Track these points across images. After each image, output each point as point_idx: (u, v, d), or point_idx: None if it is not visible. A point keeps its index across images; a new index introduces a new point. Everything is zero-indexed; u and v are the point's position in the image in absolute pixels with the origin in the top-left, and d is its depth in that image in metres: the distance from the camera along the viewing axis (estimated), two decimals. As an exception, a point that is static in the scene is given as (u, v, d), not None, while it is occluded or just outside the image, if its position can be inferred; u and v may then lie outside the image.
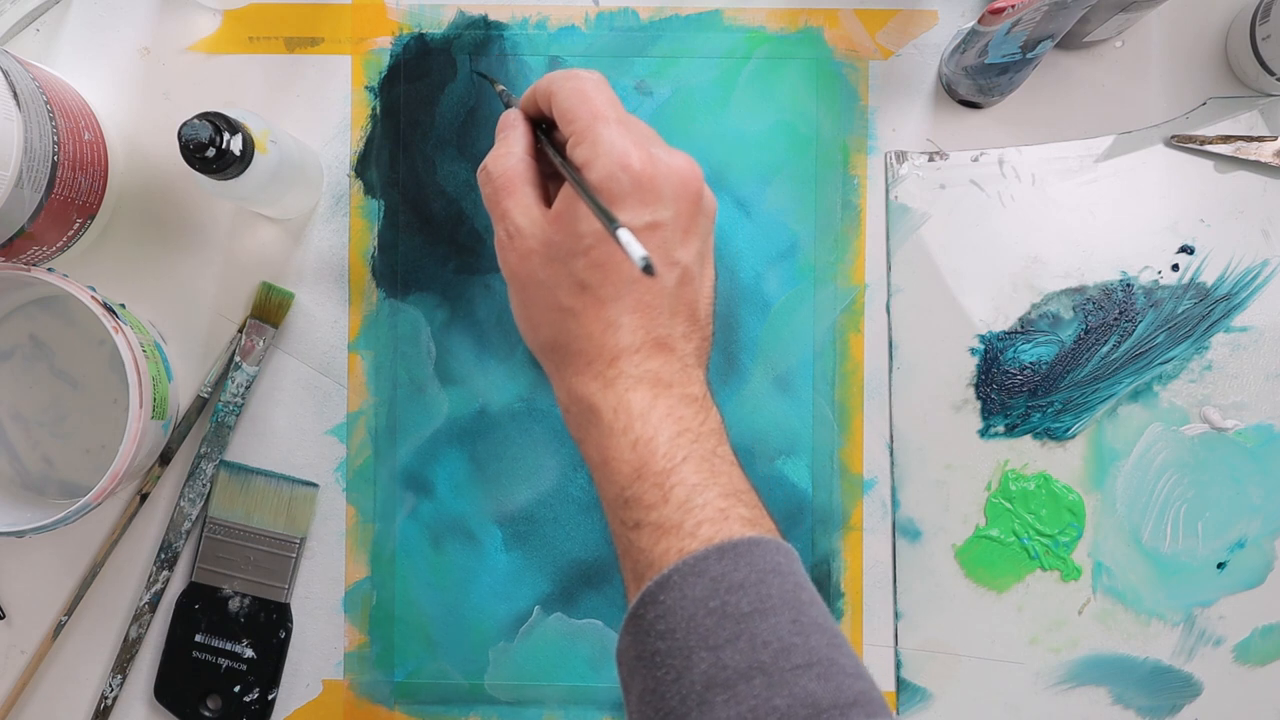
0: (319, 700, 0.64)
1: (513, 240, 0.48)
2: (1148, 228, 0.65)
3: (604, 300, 0.47)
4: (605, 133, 0.46)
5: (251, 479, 0.64)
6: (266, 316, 0.64)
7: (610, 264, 0.46)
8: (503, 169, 0.49)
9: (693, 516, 0.45)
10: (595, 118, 0.47)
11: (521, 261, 0.48)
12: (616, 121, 0.47)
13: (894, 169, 0.65)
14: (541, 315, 0.48)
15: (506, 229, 0.48)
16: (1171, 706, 0.64)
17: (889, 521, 0.65)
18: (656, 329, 0.47)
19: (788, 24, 0.65)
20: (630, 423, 0.46)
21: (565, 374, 0.48)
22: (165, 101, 0.65)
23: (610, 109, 0.47)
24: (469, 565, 0.64)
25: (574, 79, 0.48)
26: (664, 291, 0.47)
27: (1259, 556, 0.64)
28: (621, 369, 0.47)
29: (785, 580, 0.44)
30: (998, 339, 0.64)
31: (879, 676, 0.64)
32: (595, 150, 0.46)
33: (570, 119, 0.47)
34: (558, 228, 0.47)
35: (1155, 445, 0.64)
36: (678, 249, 0.47)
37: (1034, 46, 0.58)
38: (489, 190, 0.49)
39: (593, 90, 0.48)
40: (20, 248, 0.58)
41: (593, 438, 0.47)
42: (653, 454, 0.46)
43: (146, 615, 0.64)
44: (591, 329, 0.47)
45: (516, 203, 0.48)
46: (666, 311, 0.48)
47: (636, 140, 0.46)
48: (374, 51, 0.65)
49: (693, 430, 0.47)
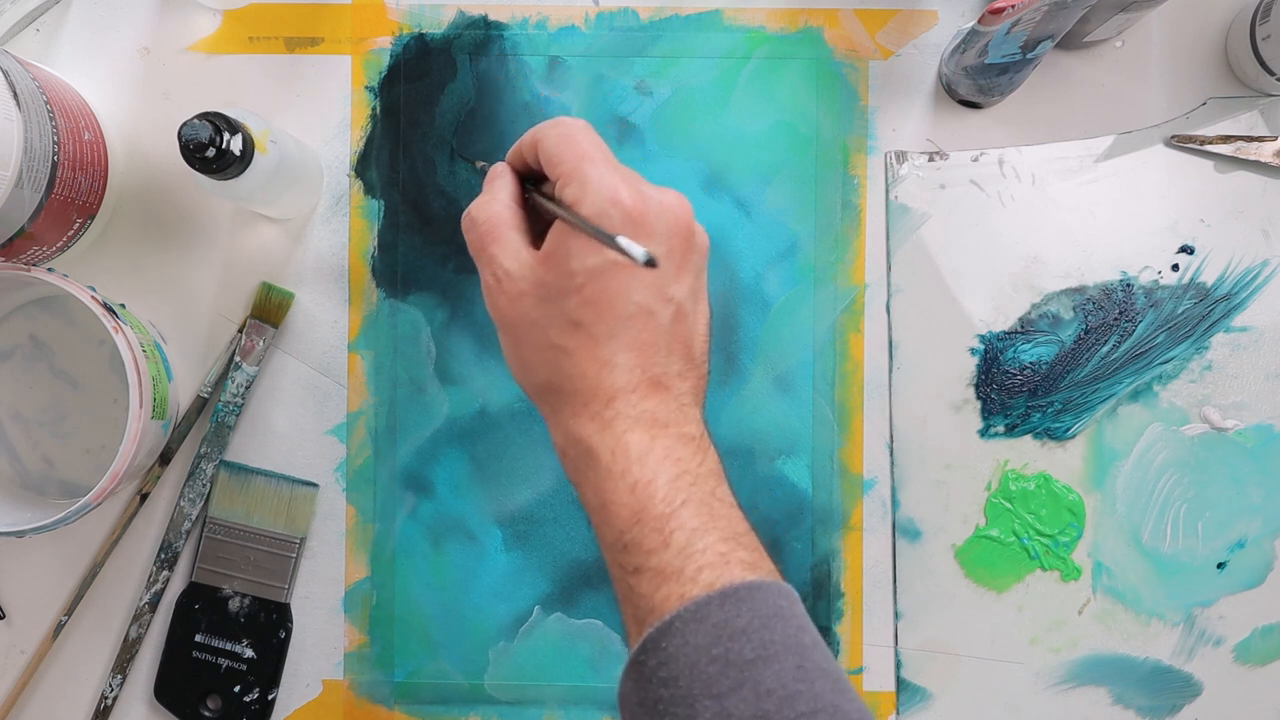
0: (319, 700, 0.64)
1: (501, 284, 0.48)
2: (1148, 228, 0.65)
3: (598, 338, 0.46)
4: (593, 171, 0.46)
5: (251, 479, 0.64)
6: (266, 316, 0.64)
7: (604, 301, 0.46)
8: (487, 215, 0.49)
9: (693, 562, 0.44)
10: (582, 158, 0.46)
11: (512, 304, 0.48)
12: (604, 161, 0.46)
13: (894, 169, 0.65)
14: (535, 356, 0.48)
15: (494, 273, 0.48)
16: (1171, 706, 0.64)
17: (889, 521, 0.65)
18: (652, 367, 0.47)
19: (788, 24, 0.65)
20: (628, 465, 0.46)
21: (562, 415, 0.48)
22: (165, 101, 0.65)
23: (597, 150, 0.47)
24: (469, 565, 0.64)
25: (559, 125, 0.48)
26: (659, 329, 0.47)
27: (1259, 556, 0.64)
28: (618, 409, 0.46)
29: (788, 624, 0.44)
30: (998, 339, 0.64)
31: (879, 676, 0.64)
32: (584, 188, 0.46)
33: (557, 161, 0.47)
34: (549, 267, 0.47)
35: (1155, 445, 0.64)
36: (671, 285, 0.47)
37: (1034, 46, 0.58)
38: (474, 236, 0.49)
39: (579, 134, 0.48)
40: (20, 248, 0.58)
41: (590, 481, 0.47)
42: (651, 498, 0.45)
43: (146, 615, 0.64)
44: (586, 368, 0.47)
45: (503, 247, 0.48)
46: (662, 349, 0.47)
47: (625, 178, 0.46)
48: (374, 51, 0.65)
49: (691, 472, 0.46)
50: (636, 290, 0.46)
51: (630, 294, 0.46)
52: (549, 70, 0.65)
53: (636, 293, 0.46)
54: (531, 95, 0.65)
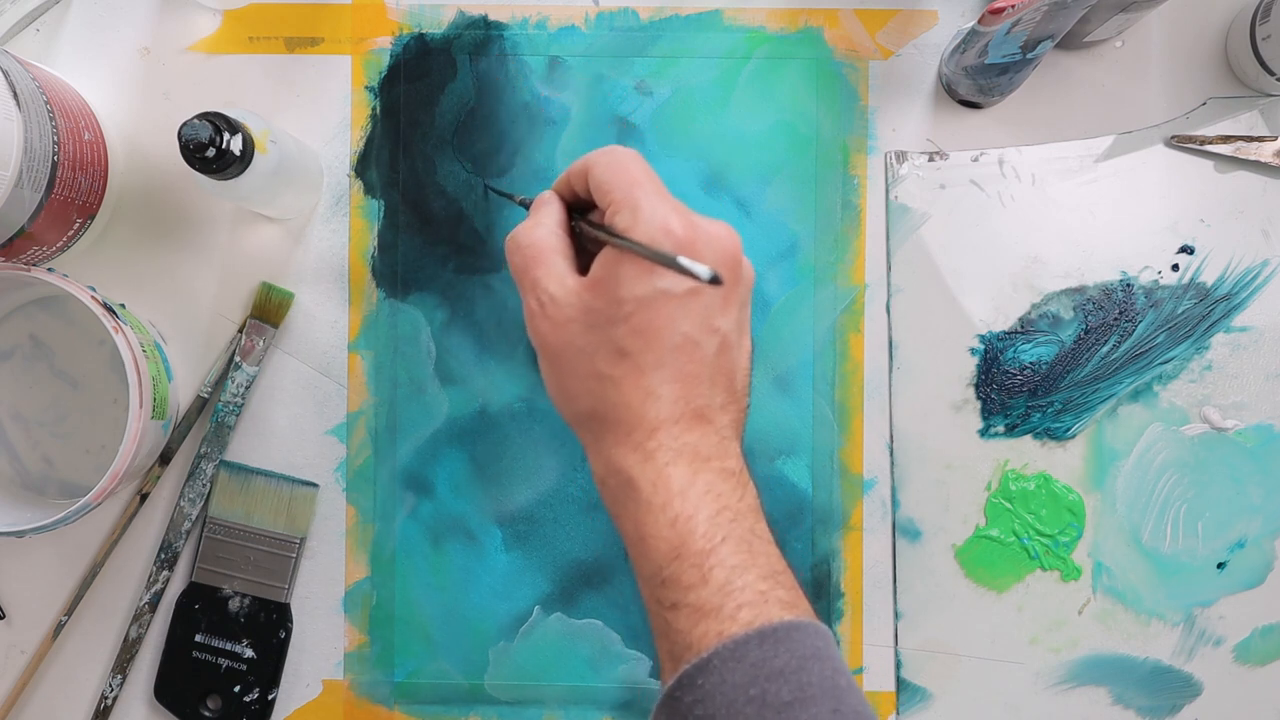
0: (319, 700, 0.64)
1: (545, 309, 0.47)
2: (1148, 228, 0.65)
3: (645, 368, 0.46)
4: (645, 199, 0.46)
5: (251, 479, 0.64)
6: (266, 316, 0.64)
7: (652, 331, 0.46)
8: (532, 239, 0.48)
9: (733, 599, 0.44)
10: (634, 185, 0.46)
11: (557, 330, 0.47)
12: (655, 190, 0.46)
13: (894, 169, 0.65)
14: (579, 384, 0.47)
15: (538, 297, 0.47)
16: (1171, 706, 0.64)
17: (889, 521, 0.65)
18: (696, 399, 0.47)
19: (788, 24, 0.65)
20: (669, 499, 0.45)
21: (603, 445, 0.47)
22: (165, 101, 0.65)
23: (648, 179, 0.47)
24: (469, 565, 0.64)
25: (610, 153, 0.48)
26: (705, 360, 0.47)
27: (1259, 556, 0.64)
28: (661, 441, 0.46)
29: (824, 666, 0.44)
30: (998, 339, 0.64)
31: (879, 676, 0.64)
32: (636, 216, 0.45)
33: (608, 189, 0.47)
34: (596, 294, 0.46)
35: (1155, 445, 0.64)
36: (718, 316, 0.47)
37: (1034, 46, 0.58)
38: (518, 259, 0.48)
39: (630, 162, 0.47)
40: (20, 248, 0.58)
41: (630, 513, 0.47)
42: (692, 533, 0.45)
43: (146, 615, 0.64)
44: (631, 398, 0.46)
45: (548, 271, 0.47)
46: (706, 381, 0.47)
47: (676, 207, 0.46)
48: (374, 51, 0.65)
49: (731, 508, 0.46)
50: (684, 321, 0.46)
51: (678, 324, 0.46)
52: (549, 70, 0.65)
53: (684, 323, 0.46)
54: (531, 95, 0.65)
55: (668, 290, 0.45)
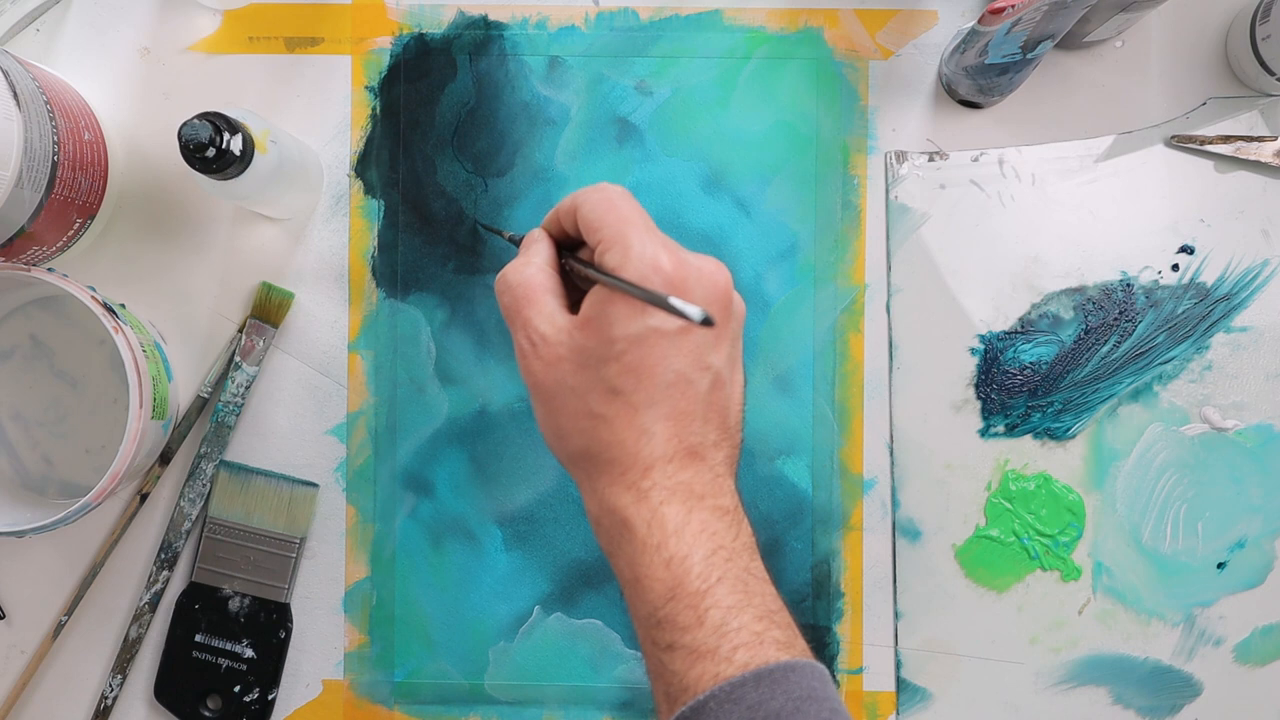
0: (319, 700, 0.64)
1: (536, 348, 0.47)
2: (1148, 228, 0.65)
3: (637, 407, 0.46)
4: (635, 237, 0.45)
5: (251, 479, 0.64)
6: (266, 316, 0.64)
7: (644, 369, 0.45)
8: (522, 278, 0.48)
9: (728, 641, 0.44)
10: (623, 222, 0.46)
11: (548, 369, 0.47)
12: (645, 227, 0.46)
13: (894, 169, 0.65)
14: (571, 423, 0.47)
15: (529, 337, 0.47)
16: (1171, 706, 0.64)
17: (889, 521, 0.65)
18: (689, 437, 0.47)
19: (788, 24, 0.65)
20: (664, 539, 0.45)
21: (597, 484, 0.47)
22: (165, 101, 0.65)
23: (638, 216, 0.47)
24: (469, 565, 0.64)
25: (599, 191, 0.48)
26: (697, 397, 0.46)
27: (1259, 556, 0.64)
28: (655, 480, 0.46)
29: (820, 707, 0.43)
30: (998, 339, 0.64)
31: (879, 676, 0.64)
32: (626, 254, 0.45)
33: (597, 227, 0.47)
34: (588, 333, 0.46)
35: (1155, 445, 0.64)
36: (710, 353, 0.47)
37: (1034, 46, 0.58)
38: (508, 299, 0.48)
39: (619, 200, 0.47)
40: (20, 248, 0.58)
41: (625, 553, 0.46)
42: (687, 573, 0.45)
43: (146, 615, 0.64)
44: (624, 436, 0.46)
45: (538, 310, 0.47)
46: (699, 418, 0.47)
47: (665, 244, 0.46)
48: (374, 51, 0.65)
49: (726, 547, 0.46)
50: (676, 358, 0.46)
51: (670, 362, 0.45)
52: (549, 70, 0.65)
53: (676, 360, 0.46)
54: (531, 95, 0.65)
55: (659, 328, 0.45)
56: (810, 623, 0.64)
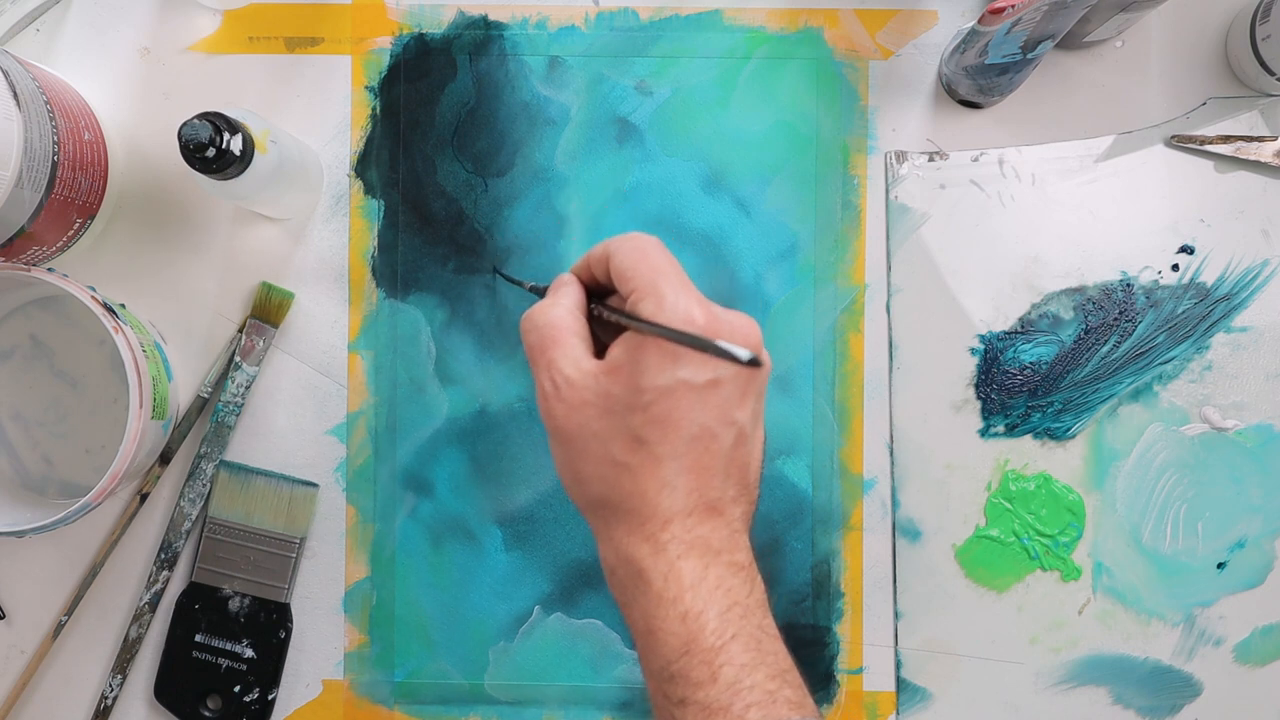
0: (319, 700, 0.64)
1: (560, 391, 0.47)
2: (1148, 228, 0.65)
3: (661, 458, 0.45)
4: (669, 289, 0.45)
5: (251, 479, 0.64)
6: (266, 316, 0.64)
7: (671, 421, 0.45)
8: (548, 319, 0.48)
9: (741, 699, 0.44)
10: (657, 273, 0.46)
11: (571, 414, 0.46)
12: (678, 279, 0.46)
13: (894, 169, 0.65)
14: (592, 470, 0.47)
15: (553, 379, 0.47)
16: (1171, 706, 0.64)
17: (889, 521, 0.65)
18: (710, 491, 0.46)
19: (788, 24, 0.65)
20: (680, 593, 0.45)
21: (615, 533, 0.47)
22: (165, 101, 0.65)
23: (671, 268, 0.46)
24: (469, 565, 0.64)
25: (632, 239, 0.48)
26: (720, 452, 0.46)
27: (1259, 556, 0.64)
28: (674, 533, 0.46)
29: None
30: (998, 339, 0.64)
31: (879, 676, 0.64)
32: (660, 305, 0.45)
33: (630, 276, 0.46)
34: (615, 380, 0.46)
35: (1155, 445, 0.64)
36: (736, 409, 0.46)
37: (1034, 46, 0.58)
38: (533, 339, 0.48)
39: (653, 250, 0.47)
40: (20, 248, 0.58)
41: (639, 605, 0.46)
42: (702, 629, 0.45)
43: (146, 615, 0.64)
44: (646, 487, 0.46)
45: (564, 353, 0.47)
46: (720, 473, 0.47)
47: (699, 298, 0.46)
48: (374, 51, 0.65)
49: (741, 603, 0.46)
50: (703, 412, 0.45)
51: (697, 415, 0.45)
52: (549, 70, 0.65)
53: (703, 414, 0.45)
54: (531, 95, 0.65)
55: (689, 380, 0.45)
56: (810, 623, 0.64)
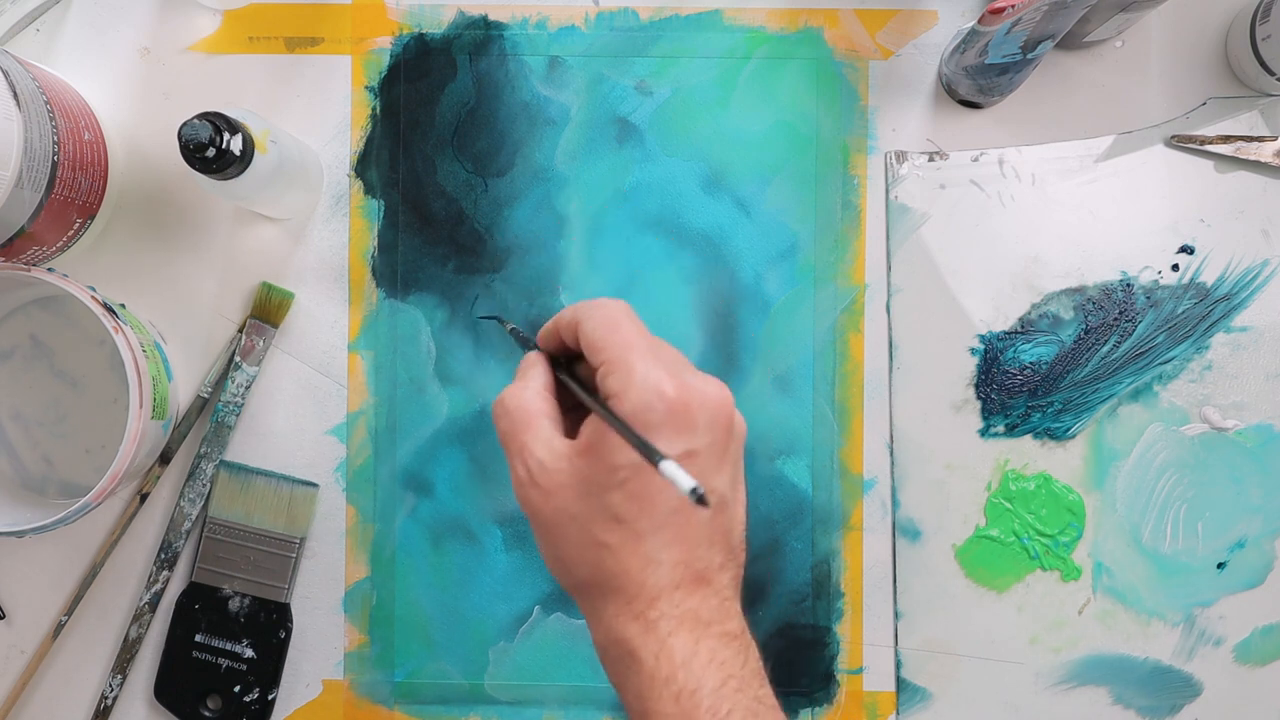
0: (319, 700, 0.64)
1: (534, 476, 0.46)
2: (1148, 228, 0.65)
3: (642, 534, 0.45)
4: (638, 362, 0.45)
5: (251, 479, 0.64)
6: (266, 316, 0.64)
7: (648, 496, 0.45)
8: (519, 403, 0.47)
9: None
10: (626, 347, 0.45)
11: (547, 498, 0.46)
12: (648, 349, 0.45)
13: (894, 169, 0.65)
14: (575, 553, 0.46)
15: (527, 465, 0.46)
16: (1171, 706, 0.64)
17: (889, 521, 0.65)
18: (695, 562, 0.46)
19: (788, 24, 0.65)
20: (673, 671, 0.45)
21: (603, 614, 0.46)
22: (165, 101, 0.65)
23: (640, 338, 0.46)
24: (469, 565, 0.64)
25: (602, 308, 0.47)
26: (701, 522, 0.46)
27: (1259, 556, 0.64)
28: (662, 610, 0.45)
29: None
30: (998, 339, 0.64)
31: (879, 676, 0.64)
32: (629, 380, 0.44)
33: (600, 348, 0.46)
34: (588, 460, 0.45)
35: (1155, 445, 0.64)
36: (713, 477, 0.46)
37: (1034, 46, 0.58)
38: (505, 424, 0.47)
39: (622, 319, 0.47)
40: (20, 248, 0.58)
41: (632, 685, 0.46)
42: (697, 707, 0.44)
43: (146, 615, 0.64)
44: (629, 565, 0.45)
45: (536, 436, 0.47)
46: (704, 542, 0.46)
47: (669, 369, 0.45)
48: (374, 51, 0.65)
49: (736, 676, 0.45)
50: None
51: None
52: (549, 70, 0.65)
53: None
54: (531, 95, 0.65)
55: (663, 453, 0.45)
56: (810, 623, 0.64)
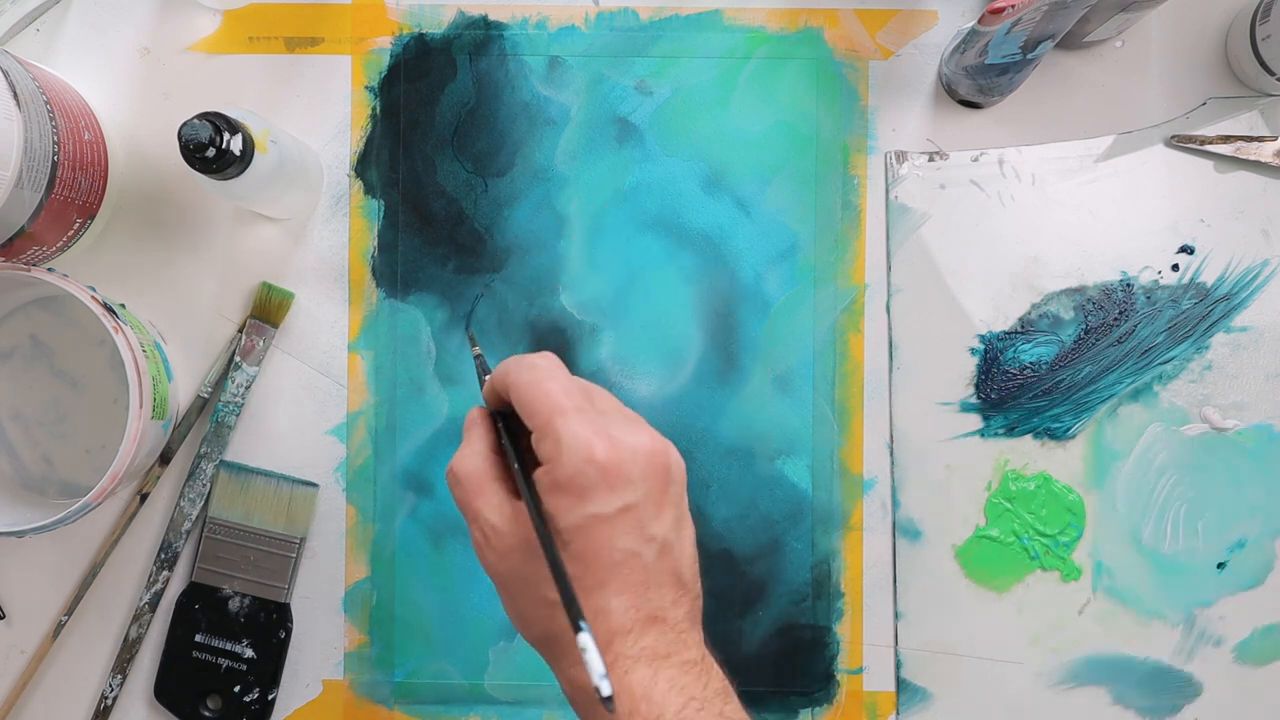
0: (319, 700, 0.64)
1: (489, 540, 0.48)
2: (1148, 228, 0.65)
3: (589, 589, 0.46)
4: (565, 427, 0.46)
5: (251, 479, 0.64)
6: (266, 316, 0.64)
7: (591, 553, 0.46)
8: (468, 470, 0.49)
9: None
10: (554, 412, 0.46)
11: (501, 560, 0.48)
12: (575, 411, 0.46)
13: (894, 169, 0.65)
14: (531, 611, 0.48)
15: (482, 529, 0.48)
16: (1171, 706, 0.64)
17: (889, 521, 0.65)
18: (646, 605, 0.47)
19: (788, 24, 0.65)
20: (635, 705, 0.45)
21: (563, 665, 0.48)
22: (165, 101, 0.65)
23: (567, 399, 0.47)
24: (469, 565, 0.64)
25: (529, 370, 0.48)
26: (647, 568, 0.47)
27: (1259, 556, 0.64)
28: (618, 652, 0.46)
29: None
30: (998, 339, 0.64)
31: (879, 676, 0.64)
32: (559, 446, 0.46)
33: (530, 413, 0.47)
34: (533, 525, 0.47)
35: (1155, 445, 0.64)
36: (652, 524, 0.47)
37: (1034, 46, 0.58)
38: (458, 493, 0.49)
39: (547, 380, 0.47)
40: (20, 248, 0.58)
41: None
42: None
43: (146, 615, 0.64)
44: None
45: (487, 502, 0.48)
46: (653, 586, 0.47)
47: (598, 428, 0.46)
48: (374, 51, 0.65)
49: (698, 698, 0.46)
50: (621, 537, 0.46)
51: (616, 541, 0.46)
52: (549, 70, 0.65)
53: (621, 539, 0.46)
54: (531, 95, 0.65)
55: (599, 514, 0.45)
56: (810, 623, 0.64)
